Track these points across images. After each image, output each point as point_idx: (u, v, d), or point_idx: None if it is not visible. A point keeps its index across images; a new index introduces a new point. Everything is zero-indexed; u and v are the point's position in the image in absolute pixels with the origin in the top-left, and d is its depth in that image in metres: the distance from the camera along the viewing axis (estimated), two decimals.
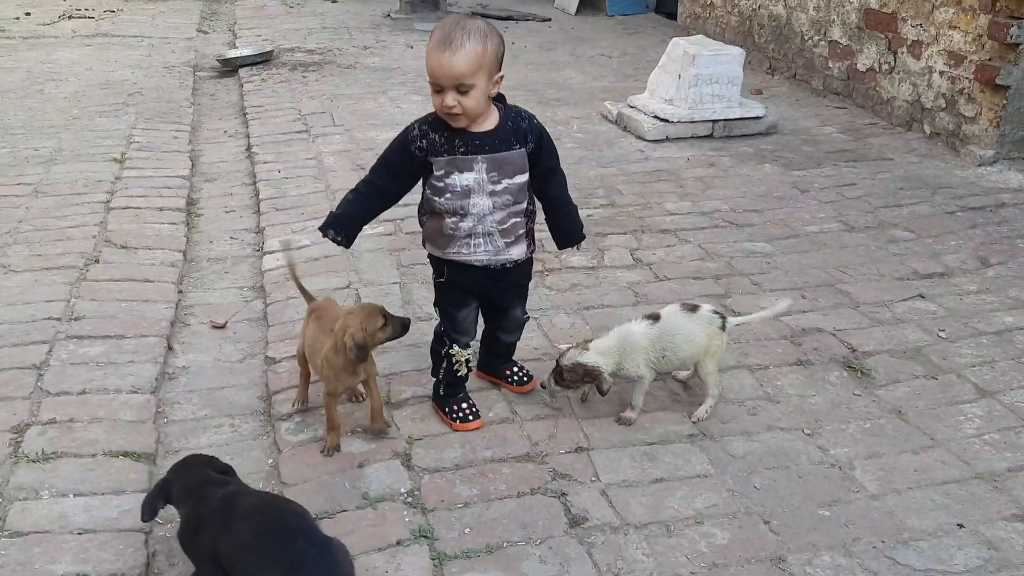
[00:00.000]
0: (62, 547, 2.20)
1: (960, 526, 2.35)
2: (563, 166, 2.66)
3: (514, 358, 2.95)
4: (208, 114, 6.16)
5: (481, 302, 2.70)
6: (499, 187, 2.46)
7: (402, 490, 2.44)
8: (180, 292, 3.58)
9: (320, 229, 2.56)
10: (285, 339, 3.21)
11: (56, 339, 3.11)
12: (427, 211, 2.56)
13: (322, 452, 2.59)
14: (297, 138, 5.43)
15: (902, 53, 5.61)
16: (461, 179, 2.43)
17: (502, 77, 2.41)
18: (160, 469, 2.53)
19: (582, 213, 4.26)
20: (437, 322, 2.78)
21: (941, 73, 5.30)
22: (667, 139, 5.41)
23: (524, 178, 2.49)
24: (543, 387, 2.76)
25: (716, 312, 2.73)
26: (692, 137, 5.45)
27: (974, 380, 3.00)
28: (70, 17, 9.08)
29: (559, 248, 2.75)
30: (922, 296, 3.56)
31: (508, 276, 2.63)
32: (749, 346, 3.18)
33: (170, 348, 3.17)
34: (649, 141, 5.40)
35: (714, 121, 5.47)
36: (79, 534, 2.24)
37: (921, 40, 5.44)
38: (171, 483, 2.11)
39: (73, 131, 5.46)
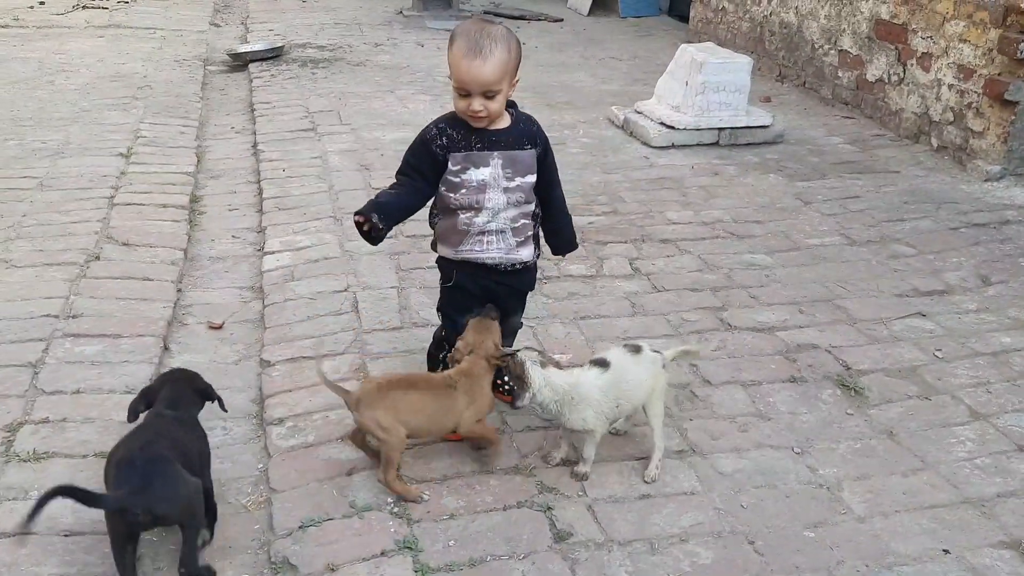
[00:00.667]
0: (48, 549, 2.22)
1: (946, 552, 2.34)
2: (567, 171, 2.73)
3: None
4: (217, 109, 6.18)
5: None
6: (513, 184, 2.53)
7: (389, 500, 2.45)
8: (179, 291, 3.60)
9: (360, 213, 2.45)
10: (281, 342, 3.22)
11: (53, 337, 3.13)
12: (440, 209, 2.61)
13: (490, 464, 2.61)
14: (303, 136, 5.44)
15: (911, 65, 5.58)
16: (477, 174, 2.50)
17: (518, 80, 2.50)
18: None
19: (584, 220, 4.32)
20: (437, 327, 2.81)
21: (950, 86, 5.27)
22: (673, 146, 5.40)
23: (533, 179, 2.57)
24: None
25: (656, 351, 2.61)
26: (698, 145, 5.43)
27: (968, 402, 2.98)
28: (84, 7, 9.11)
29: (553, 253, 2.81)
30: (921, 314, 3.55)
31: (515, 278, 2.67)
32: (743, 361, 3.18)
33: (166, 348, 3.19)
34: (655, 148, 5.39)
35: (720, 129, 5.45)
36: (65, 536, 2.26)
37: (931, 52, 5.41)
38: (153, 391, 2.36)
39: (81, 124, 5.48)
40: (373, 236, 2.47)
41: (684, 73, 5.45)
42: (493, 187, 2.51)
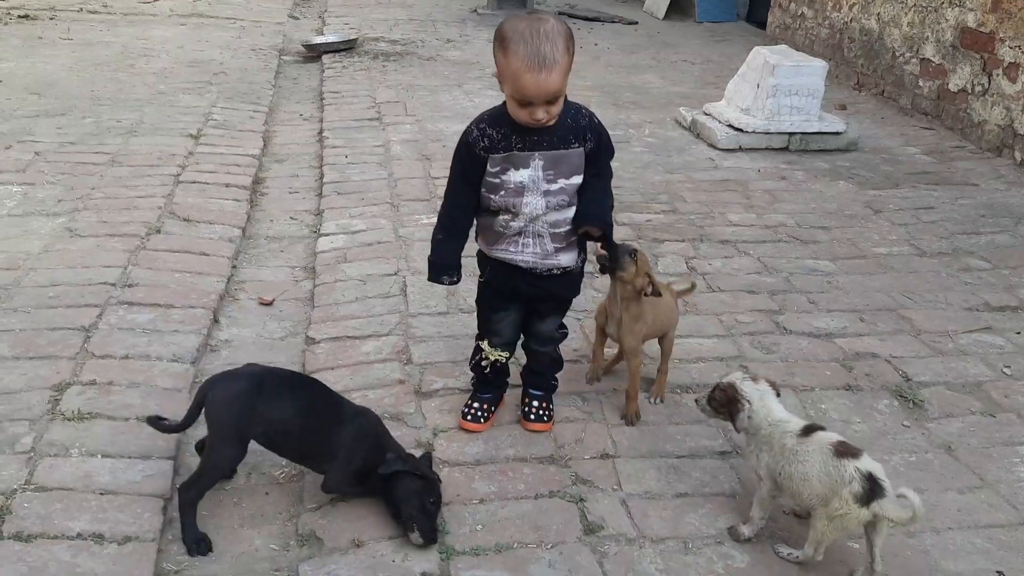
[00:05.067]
0: (82, 505, 2.24)
1: (1000, 574, 2.21)
2: (629, 170, 2.63)
3: (556, 388, 2.79)
4: (287, 97, 6.27)
5: (522, 307, 2.63)
6: (555, 186, 2.38)
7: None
8: (234, 267, 3.64)
9: (431, 281, 2.51)
10: (327, 321, 3.23)
11: (108, 304, 3.19)
12: (483, 207, 2.49)
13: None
14: (368, 125, 5.48)
15: (997, 75, 5.36)
16: (516, 176, 2.37)
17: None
18: (188, 438, 2.57)
19: (642, 217, 4.24)
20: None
21: None
22: (740, 149, 5.28)
23: (580, 179, 2.40)
24: (696, 402, 2.41)
25: (871, 478, 2.04)
26: (766, 149, 5.30)
27: None
28: None
29: (572, 222, 2.46)
30: (990, 329, 3.38)
31: (552, 283, 2.53)
32: (797, 366, 3.07)
33: (216, 321, 3.22)
34: (721, 150, 5.27)
35: (790, 134, 5.31)
36: (101, 494, 2.28)
37: (1019, 63, 5.18)
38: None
39: (156, 105, 5.62)
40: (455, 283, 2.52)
41: (756, 75, 5.33)
42: (531, 190, 2.37)
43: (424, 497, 2.21)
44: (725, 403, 2.27)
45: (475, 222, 2.56)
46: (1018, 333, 3.36)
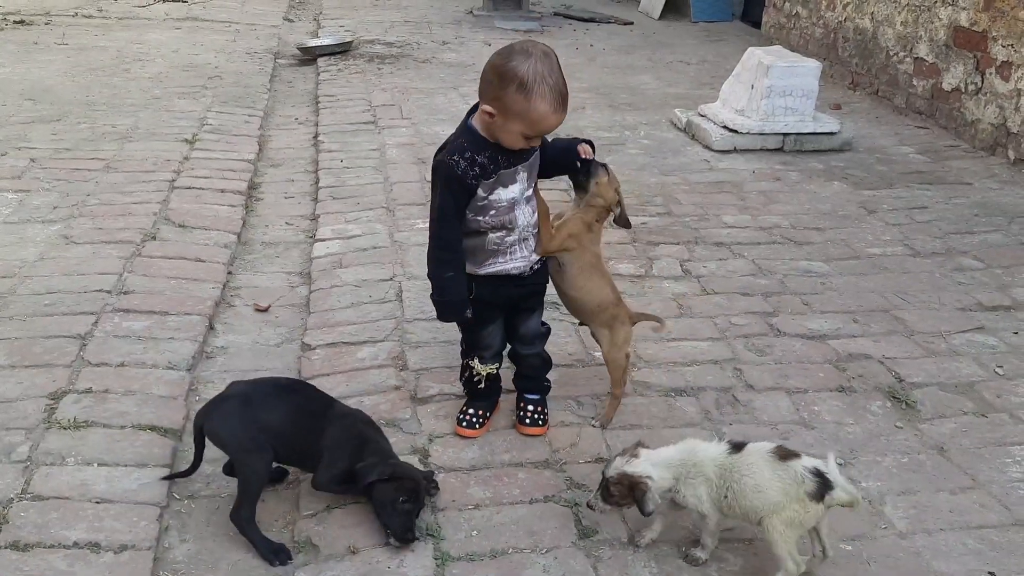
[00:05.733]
0: (79, 514, 2.25)
1: (991, 574, 2.22)
2: (625, 173, 2.65)
3: (550, 389, 2.79)
4: (283, 101, 6.28)
5: (505, 314, 2.63)
6: (531, 191, 2.49)
7: None
8: (229, 273, 3.65)
9: (450, 320, 2.56)
10: (323, 327, 3.24)
11: (103, 311, 3.20)
12: (470, 230, 2.46)
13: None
14: (364, 129, 5.49)
15: (990, 74, 5.37)
16: (506, 193, 2.40)
17: None
18: (185, 446, 2.58)
19: (637, 220, 4.25)
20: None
21: None
22: (735, 150, 5.29)
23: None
24: (590, 506, 2.25)
25: (818, 474, 2.06)
26: (761, 149, 5.31)
27: None
28: (164, 0, 9.37)
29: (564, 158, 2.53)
30: (983, 328, 3.40)
31: (533, 278, 2.58)
32: (790, 367, 3.08)
33: (211, 328, 3.23)
34: (716, 151, 5.28)
35: (785, 135, 5.32)
36: (96, 503, 2.29)
37: (1011, 61, 5.19)
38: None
39: (151, 111, 5.62)
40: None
41: (750, 76, 5.34)
42: (520, 202, 2.43)
43: (397, 499, 2.21)
44: (627, 493, 2.15)
45: None
46: (1015, 333, 3.37)
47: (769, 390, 2.94)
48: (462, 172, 2.35)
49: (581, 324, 2.84)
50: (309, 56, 7.37)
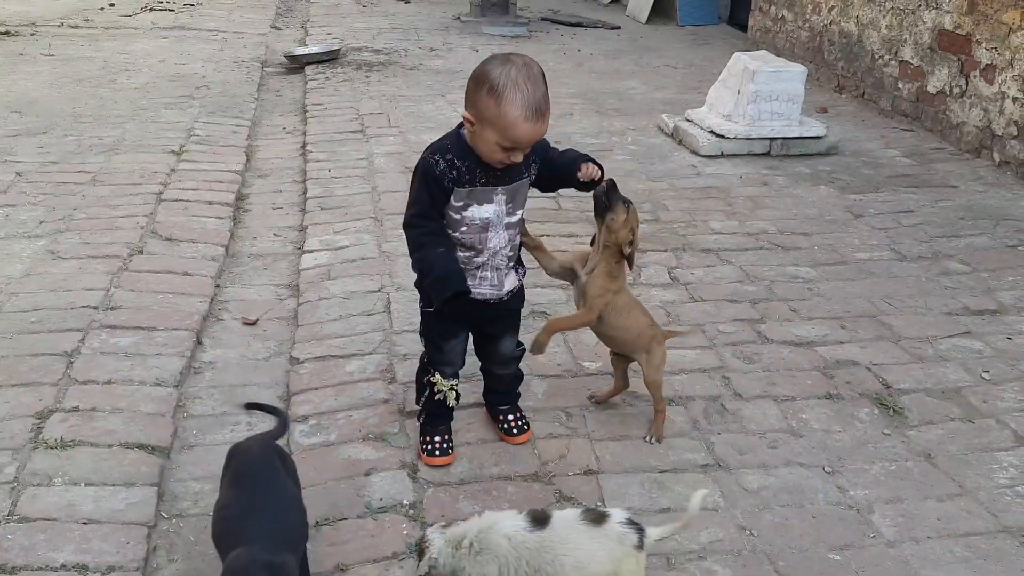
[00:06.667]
0: (66, 536, 2.24)
1: None
2: (612, 177, 2.58)
3: (520, 397, 2.79)
4: (270, 110, 6.27)
5: (472, 332, 2.61)
6: (514, 219, 2.42)
7: (404, 502, 2.43)
8: (217, 286, 3.64)
9: (452, 293, 2.30)
10: (311, 340, 3.24)
11: (90, 328, 3.19)
12: None
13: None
14: (352, 138, 5.49)
15: (974, 77, 5.40)
16: (480, 212, 2.35)
17: None
18: (173, 464, 2.58)
19: None
20: (422, 352, 2.64)
21: (1014, 99, 5.08)
22: (722, 155, 5.31)
23: (524, 210, 2.46)
24: None
25: (631, 524, 2.00)
26: (748, 154, 5.33)
27: (1014, 426, 2.85)
28: (151, 9, 9.36)
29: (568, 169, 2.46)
30: (969, 333, 3.41)
31: (503, 304, 2.53)
32: (778, 375, 3.09)
33: (199, 342, 3.23)
34: (703, 156, 5.30)
35: (772, 139, 5.34)
36: (84, 524, 2.28)
37: (995, 64, 5.22)
38: None
39: (138, 122, 5.61)
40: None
41: (736, 82, 5.36)
42: (496, 225, 2.37)
43: None
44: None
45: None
46: (1009, 338, 3.38)
47: (757, 398, 2.95)
48: (440, 172, 2.31)
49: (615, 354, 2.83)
50: (297, 64, 7.36)
